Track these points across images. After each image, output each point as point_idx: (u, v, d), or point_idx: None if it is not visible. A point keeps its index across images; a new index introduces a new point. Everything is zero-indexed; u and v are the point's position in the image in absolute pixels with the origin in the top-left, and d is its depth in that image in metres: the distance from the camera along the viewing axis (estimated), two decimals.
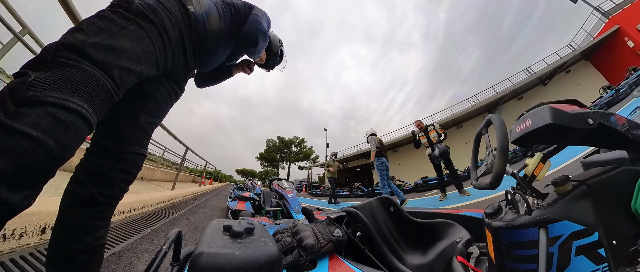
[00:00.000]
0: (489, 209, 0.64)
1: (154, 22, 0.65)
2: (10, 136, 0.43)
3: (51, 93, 0.47)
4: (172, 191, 4.42)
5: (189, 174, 11.44)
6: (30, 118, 0.44)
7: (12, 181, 0.43)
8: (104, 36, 0.56)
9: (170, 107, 0.92)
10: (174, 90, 0.89)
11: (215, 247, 0.35)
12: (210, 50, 0.89)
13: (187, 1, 0.75)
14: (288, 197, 2.80)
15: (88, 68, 0.52)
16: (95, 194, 0.71)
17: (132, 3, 0.63)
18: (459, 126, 15.41)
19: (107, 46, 0.55)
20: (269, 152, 37.01)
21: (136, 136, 0.79)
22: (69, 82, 0.49)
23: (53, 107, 0.46)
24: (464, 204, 3.41)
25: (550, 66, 13.43)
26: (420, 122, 4.92)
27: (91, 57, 0.52)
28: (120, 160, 0.75)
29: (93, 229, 0.71)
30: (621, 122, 0.54)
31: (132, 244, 1.52)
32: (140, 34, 0.62)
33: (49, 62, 0.49)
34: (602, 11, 13.58)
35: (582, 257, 0.51)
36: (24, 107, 0.45)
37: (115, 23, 0.59)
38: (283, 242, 0.60)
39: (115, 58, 0.56)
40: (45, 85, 0.47)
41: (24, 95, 0.45)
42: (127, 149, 0.76)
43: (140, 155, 0.82)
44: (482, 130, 0.76)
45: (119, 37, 0.58)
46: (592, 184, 0.54)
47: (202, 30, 0.81)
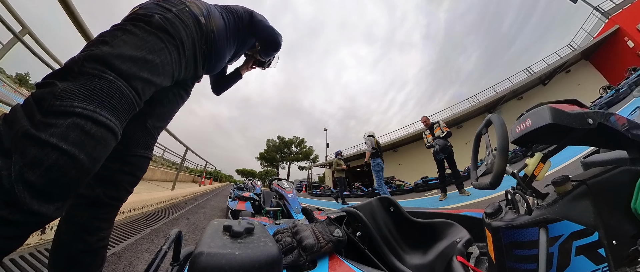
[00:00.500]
0: (489, 209, 0.64)
1: (173, 35, 0.67)
2: (39, 147, 0.42)
3: (79, 103, 0.47)
4: (172, 191, 4.41)
5: (189, 174, 11.44)
6: (58, 129, 0.44)
7: (44, 193, 0.43)
8: (127, 48, 0.57)
9: (176, 112, 0.95)
10: (181, 95, 0.92)
11: (215, 247, 0.35)
12: (217, 57, 0.93)
13: (199, 13, 0.78)
14: (288, 197, 2.80)
15: (113, 79, 0.52)
16: (100, 195, 0.72)
17: (152, 17, 0.64)
18: (459, 126, 15.41)
19: (130, 57, 0.57)
20: (269, 152, 37.01)
21: (143, 139, 0.81)
22: (95, 93, 0.49)
23: (81, 118, 0.46)
24: (464, 204, 3.41)
25: (550, 66, 13.43)
26: (426, 119, 4.76)
27: (116, 68, 0.53)
28: (127, 163, 0.77)
29: (97, 230, 0.73)
30: (621, 122, 0.54)
31: (132, 244, 1.52)
32: (159, 46, 0.64)
33: (75, 72, 0.50)
34: (602, 11, 13.58)
35: (582, 257, 0.51)
36: (51, 117, 0.44)
37: (138, 36, 0.60)
38: (283, 242, 0.60)
39: (138, 70, 0.57)
40: (72, 95, 0.47)
41: (51, 104, 0.45)
42: (134, 152, 0.78)
43: (146, 158, 0.84)
44: (482, 130, 0.76)
45: (142, 49, 0.60)
46: (592, 184, 0.54)
47: (211, 40, 0.85)
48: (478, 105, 14.56)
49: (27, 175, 0.41)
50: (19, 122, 0.43)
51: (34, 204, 0.42)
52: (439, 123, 4.49)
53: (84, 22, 1.34)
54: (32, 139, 0.42)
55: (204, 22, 0.79)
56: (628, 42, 11.52)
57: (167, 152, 7.96)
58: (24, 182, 0.41)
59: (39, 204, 0.43)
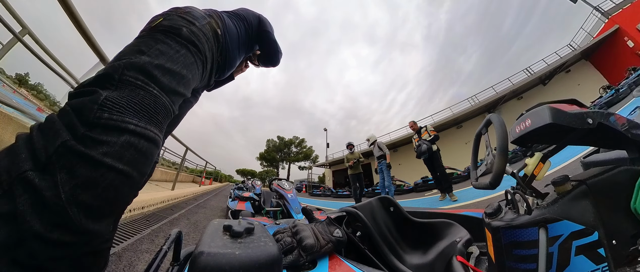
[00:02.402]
0: (489, 209, 0.64)
1: (199, 48, 0.67)
2: (92, 167, 0.40)
3: (130, 119, 0.45)
4: (172, 191, 4.41)
5: (189, 174, 11.43)
6: (112, 148, 0.42)
7: (97, 213, 0.41)
8: (165, 59, 0.56)
9: (183, 116, 0.97)
10: (190, 102, 0.94)
11: (215, 247, 0.35)
12: (229, 67, 0.95)
13: (217, 26, 0.78)
14: (288, 197, 2.80)
15: (158, 93, 0.52)
16: None
17: (180, 29, 0.64)
18: (459, 126, 15.42)
19: (169, 70, 0.56)
20: (269, 152, 37.00)
21: None
22: (144, 108, 0.48)
23: (135, 136, 0.45)
24: (464, 204, 3.41)
25: (550, 66, 13.43)
26: (413, 123, 4.82)
27: (158, 81, 0.53)
28: None
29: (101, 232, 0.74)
30: (621, 122, 0.54)
31: (132, 244, 1.52)
32: (190, 59, 0.64)
33: (116, 80, 0.48)
34: (602, 11, 13.58)
35: (582, 256, 0.51)
36: (100, 132, 0.42)
37: (171, 47, 0.60)
38: (283, 242, 0.60)
39: (176, 84, 0.57)
40: (121, 108, 0.45)
41: (97, 117, 0.42)
42: None
43: (154, 162, 0.87)
44: (482, 130, 0.76)
45: (177, 62, 0.59)
46: (592, 184, 0.54)
47: (225, 52, 0.86)
48: (478, 105, 14.55)
49: (81, 197, 0.39)
50: (58, 134, 0.40)
51: (89, 224, 0.40)
52: (426, 127, 4.51)
53: (83, 22, 1.34)
54: (82, 156, 0.40)
55: (221, 35, 0.80)
56: (628, 42, 11.52)
57: (167, 152, 7.95)
58: (78, 204, 0.38)
59: (92, 224, 0.41)
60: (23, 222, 0.35)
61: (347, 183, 21.99)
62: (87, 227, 0.40)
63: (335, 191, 13.78)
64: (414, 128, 4.73)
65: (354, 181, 5.43)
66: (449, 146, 14.66)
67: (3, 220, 0.34)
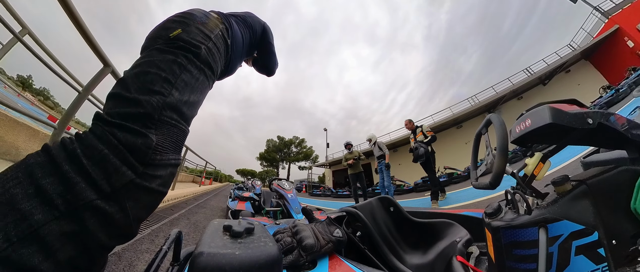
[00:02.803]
0: (488, 209, 0.64)
1: (214, 70, 0.74)
2: (150, 194, 0.54)
3: (172, 155, 0.59)
4: (172, 191, 4.41)
5: (189, 174, 11.43)
6: (162, 180, 0.56)
7: (141, 222, 0.56)
8: (189, 92, 0.64)
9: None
10: None
11: (215, 247, 0.35)
12: (230, 72, 0.98)
13: (227, 36, 0.82)
14: (288, 197, 2.79)
15: (184, 128, 0.63)
16: None
17: (200, 50, 0.68)
18: (459, 126, 15.41)
19: (192, 103, 0.66)
20: (269, 152, 37.00)
21: None
22: (178, 144, 0.61)
23: (174, 167, 0.60)
24: (464, 204, 3.41)
25: (550, 66, 13.43)
26: (409, 122, 4.50)
27: (185, 116, 0.63)
28: None
29: None
30: (621, 122, 0.54)
31: (132, 244, 1.52)
32: (205, 84, 0.71)
33: (156, 120, 0.56)
34: (602, 11, 13.57)
35: (582, 256, 0.51)
36: (152, 169, 0.54)
37: (193, 75, 0.66)
38: (283, 242, 0.60)
39: (193, 110, 0.67)
40: (167, 149, 0.57)
41: (152, 159, 0.54)
42: None
43: None
44: (482, 130, 0.76)
45: (196, 90, 0.67)
46: (592, 184, 0.54)
47: (230, 59, 0.89)
48: (478, 105, 14.55)
49: (140, 214, 0.53)
50: (120, 171, 0.49)
51: (136, 230, 0.54)
52: (422, 128, 4.27)
53: (83, 22, 1.34)
54: (145, 189, 0.52)
55: (230, 44, 0.84)
56: (628, 42, 11.52)
57: None
58: (139, 220, 0.53)
59: (137, 228, 0.55)
60: (92, 239, 0.46)
61: (347, 183, 21.98)
62: (136, 232, 0.54)
63: (335, 191, 13.78)
64: (409, 127, 4.46)
65: (354, 180, 5.17)
66: (449, 146, 14.67)
67: (67, 237, 0.43)
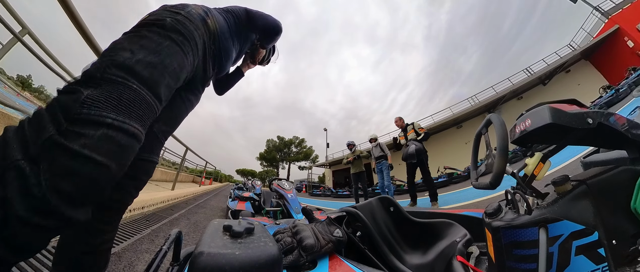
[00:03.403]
0: (489, 208, 0.64)
1: (186, 36, 0.67)
2: (71, 158, 0.43)
3: (108, 113, 0.47)
4: (172, 191, 4.41)
5: (189, 174, 11.43)
6: (90, 140, 0.44)
7: (75, 201, 0.44)
8: (146, 53, 0.58)
9: (184, 117, 0.94)
10: (190, 100, 0.91)
11: (215, 247, 0.35)
12: (226, 56, 0.94)
13: (203, 14, 0.78)
14: (288, 197, 2.79)
15: (137, 88, 0.53)
16: (105, 198, 0.73)
17: (164, 20, 0.65)
18: (459, 126, 15.41)
19: (150, 63, 0.57)
20: (269, 152, 37.00)
21: (149, 143, 0.79)
22: (123, 103, 0.50)
23: (113, 130, 0.47)
24: (464, 204, 3.41)
25: (550, 66, 13.43)
26: (399, 120, 4.29)
27: (138, 75, 0.54)
28: (132, 166, 0.77)
29: (100, 233, 0.73)
30: (621, 122, 0.54)
31: (132, 244, 1.52)
32: (175, 49, 0.64)
33: (98, 78, 0.50)
34: (602, 11, 13.57)
35: (582, 256, 0.51)
36: (80, 125, 0.45)
37: (154, 40, 0.61)
38: (283, 242, 0.60)
39: (159, 75, 0.58)
40: (99, 103, 0.47)
41: (78, 113, 0.45)
42: (139, 156, 0.76)
43: (151, 162, 0.83)
44: (482, 130, 0.76)
45: (159, 53, 0.60)
46: (592, 184, 0.54)
47: (218, 40, 0.86)
48: (478, 105, 14.55)
49: (60, 185, 0.42)
50: (45, 128, 0.43)
51: (67, 211, 0.43)
52: (413, 125, 4.04)
53: (83, 22, 1.34)
54: (63, 148, 0.43)
55: (210, 22, 0.80)
56: (628, 42, 11.52)
57: (167, 152, 7.95)
58: (58, 192, 0.42)
59: (70, 211, 0.44)
60: (10, 206, 0.39)
61: (347, 183, 22.00)
62: (65, 213, 0.43)
63: (335, 191, 13.78)
64: (399, 125, 4.23)
65: (356, 180, 5.10)
66: (449, 146, 14.67)
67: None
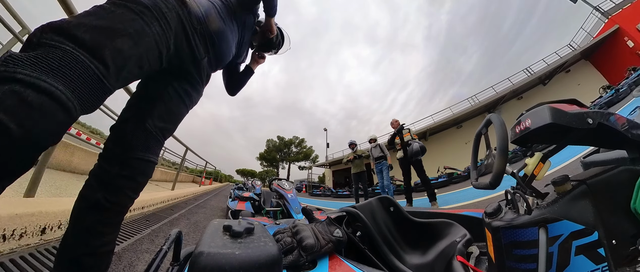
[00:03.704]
0: (488, 208, 0.64)
1: (147, 5, 0.60)
2: None
3: (22, 70, 0.41)
4: (172, 191, 4.41)
5: (189, 174, 11.44)
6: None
7: None
8: (91, 18, 0.52)
9: (184, 112, 0.88)
10: (187, 92, 0.84)
11: (215, 247, 0.35)
12: (221, 38, 0.86)
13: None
14: (288, 197, 2.79)
15: (70, 49, 0.46)
16: (101, 199, 0.69)
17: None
18: (459, 126, 15.41)
19: (94, 27, 0.50)
20: (269, 152, 37.01)
21: (143, 141, 0.76)
22: (45, 61, 0.43)
23: (21, 85, 0.40)
24: (464, 204, 3.41)
25: (550, 66, 13.44)
26: (396, 122, 4.51)
27: (76, 38, 0.47)
28: (126, 166, 0.73)
29: (101, 235, 0.71)
30: (621, 122, 0.54)
31: (132, 244, 1.52)
32: (129, 15, 0.57)
33: (34, 43, 0.45)
34: (602, 11, 13.58)
35: (582, 256, 0.51)
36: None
37: (105, 9, 0.55)
38: (283, 242, 0.60)
39: (104, 38, 0.51)
40: (18, 62, 0.41)
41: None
42: (133, 154, 0.74)
43: (147, 162, 0.78)
44: (482, 130, 0.76)
45: (108, 19, 0.53)
46: (592, 184, 0.54)
47: (204, 18, 0.79)
48: (478, 105, 14.56)
49: None
50: None
51: None
52: (410, 130, 4.28)
53: None
54: None
55: (188, 1, 0.73)
56: (628, 42, 11.53)
57: (167, 152, 7.96)
58: None
59: None
60: None
61: (347, 183, 22.01)
62: None
63: (335, 191, 13.78)
64: (395, 126, 4.37)
65: (356, 180, 5.17)
66: (449, 146, 14.67)
67: None
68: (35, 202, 1.30)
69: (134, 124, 0.75)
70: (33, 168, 1.49)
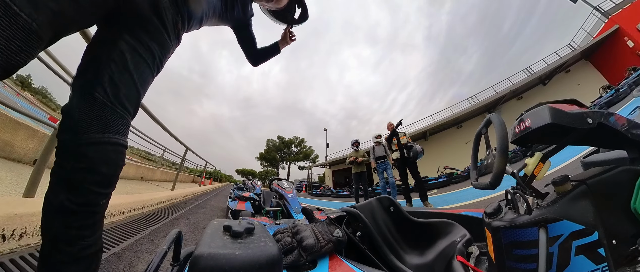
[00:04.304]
0: (489, 208, 0.64)
1: None
2: None
3: None
4: (172, 191, 4.42)
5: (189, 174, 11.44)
6: None
7: None
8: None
9: (146, 72, 0.66)
10: (146, 46, 0.65)
11: (216, 247, 0.35)
12: None
13: None
14: (288, 197, 2.80)
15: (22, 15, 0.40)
16: (65, 201, 0.56)
17: None
18: (459, 126, 15.42)
19: None
20: (269, 152, 37.02)
21: (97, 117, 0.58)
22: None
23: None
24: (464, 204, 3.41)
25: (550, 66, 13.44)
26: (391, 125, 4.59)
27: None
28: (81, 155, 0.57)
29: (76, 239, 0.58)
30: (621, 122, 0.54)
31: (132, 244, 1.52)
32: None
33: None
34: (602, 11, 13.58)
35: (582, 256, 0.51)
36: None
37: None
38: (283, 242, 0.60)
39: None
40: None
41: None
42: (86, 138, 0.56)
43: (107, 143, 0.59)
44: (482, 130, 0.76)
45: None
46: (592, 184, 0.54)
47: None
48: (478, 105, 14.56)
49: None
50: None
51: None
52: (405, 133, 4.43)
53: None
54: None
55: None
56: (628, 42, 11.53)
57: (167, 152, 7.96)
58: None
59: None
60: None
61: (347, 183, 22.00)
62: None
63: (335, 191, 13.78)
64: (391, 128, 4.45)
65: (357, 180, 5.18)
66: (449, 146, 14.67)
67: None
68: (35, 202, 1.30)
69: (79, 97, 0.58)
70: (32, 168, 1.49)
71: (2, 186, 1.82)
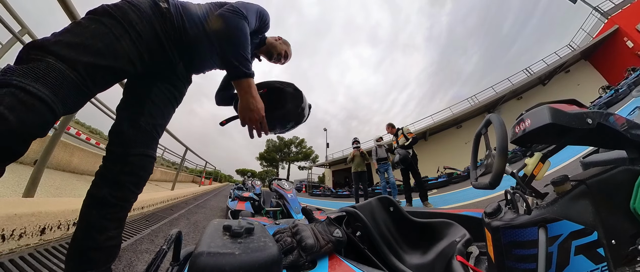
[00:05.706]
0: (488, 208, 0.64)
1: (117, 18, 0.69)
2: None
3: (16, 77, 0.53)
4: (171, 191, 4.41)
5: (189, 174, 11.43)
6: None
7: None
8: (68, 36, 0.62)
9: (171, 110, 0.96)
10: (171, 92, 0.93)
11: (215, 247, 0.35)
12: (194, 44, 0.88)
13: (164, 0, 0.79)
14: (288, 197, 2.80)
15: (52, 61, 0.57)
16: (106, 195, 0.78)
17: (97, 9, 0.69)
18: (459, 126, 15.42)
19: (68, 44, 0.61)
20: (268, 152, 37.01)
21: (140, 138, 0.84)
22: (33, 71, 0.55)
23: (16, 88, 0.52)
24: (464, 204, 3.41)
25: (550, 66, 13.45)
26: (390, 127, 4.49)
27: (56, 53, 0.58)
28: (127, 163, 0.82)
29: (105, 229, 0.79)
30: (620, 122, 0.54)
31: (132, 244, 1.52)
32: (102, 30, 0.66)
33: (24, 59, 0.57)
34: (602, 11, 13.60)
35: (581, 256, 0.52)
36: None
37: (82, 25, 0.66)
38: (283, 242, 0.60)
39: (77, 54, 0.61)
40: (14, 72, 0.54)
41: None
42: (132, 151, 0.82)
43: (147, 157, 0.87)
44: (482, 130, 0.76)
45: (81, 36, 0.63)
46: (592, 184, 0.54)
47: (180, 24, 0.82)
48: (478, 105, 14.57)
49: None
50: None
51: None
52: (402, 130, 4.17)
53: None
54: None
55: (165, 7, 0.79)
56: (627, 42, 11.55)
57: (167, 152, 7.96)
58: None
59: None
60: None
61: (347, 183, 21.99)
62: None
63: (335, 191, 13.79)
64: (390, 132, 4.41)
65: (357, 180, 5.09)
66: (449, 146, 14.67)
67: None
68: (35, 202, 1.30)
69: (129, 124, 0.83)
70: (32, 168, 1.49)
71: (2, 186, 1.82)
